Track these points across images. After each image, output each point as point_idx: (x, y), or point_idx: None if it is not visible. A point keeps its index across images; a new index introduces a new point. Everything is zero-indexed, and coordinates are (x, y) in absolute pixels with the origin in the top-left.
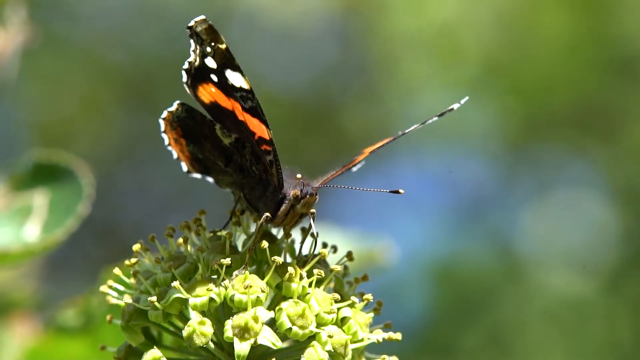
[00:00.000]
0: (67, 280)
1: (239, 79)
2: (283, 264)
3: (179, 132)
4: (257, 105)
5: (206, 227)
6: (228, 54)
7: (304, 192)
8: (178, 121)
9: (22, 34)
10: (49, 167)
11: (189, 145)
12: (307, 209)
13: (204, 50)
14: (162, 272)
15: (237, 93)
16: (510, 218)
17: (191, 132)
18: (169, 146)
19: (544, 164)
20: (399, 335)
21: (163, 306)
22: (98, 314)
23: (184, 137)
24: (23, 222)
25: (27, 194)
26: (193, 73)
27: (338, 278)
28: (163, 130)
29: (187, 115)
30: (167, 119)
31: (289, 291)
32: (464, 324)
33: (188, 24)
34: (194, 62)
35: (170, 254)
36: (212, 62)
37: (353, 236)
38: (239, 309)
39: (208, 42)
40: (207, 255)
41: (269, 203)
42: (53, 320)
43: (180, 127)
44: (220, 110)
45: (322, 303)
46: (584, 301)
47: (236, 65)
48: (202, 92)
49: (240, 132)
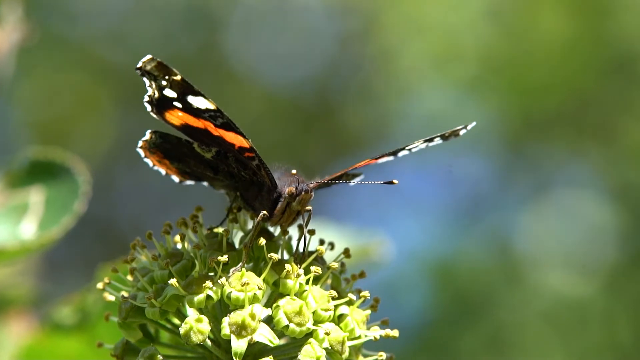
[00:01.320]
0: (65, 278)
1: (203, 102)
2: (280, 261)
3: (160, 155)
4: (228, 121)
5: (203, 224)
6: (184, 82)
7: (299, 189)
8: (155, 147)
9: (18, 32)
10: (45, 165)
11: (174, 163)
12: (302, 206)
13: (159, 84)
14: (159, 270)
15: (205, 114)
16: (508, 218)
17: (171, 153)
18: (155, 167)
19: (542, 164)
20: (396, 332)
21: (160, 303)
22: (94, 312)
23: (166, 158)
24: (19, 219)
25: (24, 192)
26: (156, 104)
27: (335, 275)
28: (144, 156)
29: (162, 140)
30: (144, 147)
31: (286, 288)
32: (463, 324)
33: (136, 66)
34: (153, 95)
35: (168, 251)
36: (171, 92)
37: (348, 232)
38: (236, 306)
39: (162, 77)
40: (204, 252)
41: (265, 202)
42: (49, 318)
43: (160, 151)
44: (193, 130)
45: (319, 300)
46: (582, 302)
47: (196, 91)
48: (170, 117)
49: (219, 145)
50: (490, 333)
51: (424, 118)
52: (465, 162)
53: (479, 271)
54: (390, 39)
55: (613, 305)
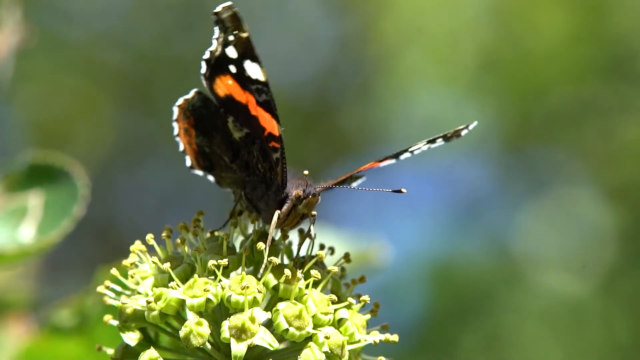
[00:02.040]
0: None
1: (256, 71)
2: (280, 265)
3: (191, 121)
4: (270, 99)
5: (204, 228)
6: (249, 43)
7: (306, 192)
8: (192, 110)
9: (17, 35)
10: (44, 168)
11: (198, 136)
12: (308, 210)
13: (226, 38)
14: (160, 273)
15: (253, 85)
16: (506, 218)
17: (203, 123)
18: (177, 137)
19: (540, 164)
20: (395, 337)
21: (160, 307)
22: (93, 314)
23: (195, 128)
24: (18, 223)
25: (22, 195)
26: (213, 64)
27: (335, 279)
28: (175, 118)
29: (202, 104)
30: (182, 107)
31: (286, 292)
32: (462, 325)
33: (214, 10)
34: (215, 51)
35: (168, 254)
36: (233, 51)
37: (347, 236)
38: (235, 309)
39: (231, 30)
40: (205, 256)
41: (270, 203)
42: (48, 321)
43: (194, 116)
44: (234, 104)
45: (319, 304)
46: (580, 302)
47: (256, 55)
48: (218, 84)
49: (251, 127)
50: (489, 333)
51: (424, 119)
52: (464, 163)
53: (478, 272)
54: (389, 40)
55: (611, 305)
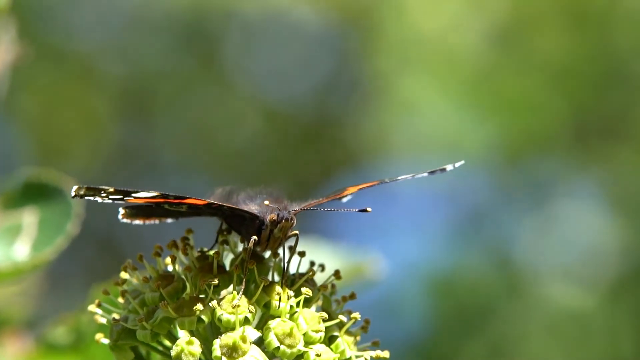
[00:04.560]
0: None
1: (146, 194)
2: (271, 283)
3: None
4: (177, 196)
5: (194, 247)
6: (120, 190)
7: (280, 216)
8: (134, 215)
9: (12, 52)
10: (38, 186)
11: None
12: (284, 234)
13: (102, 196)
14: (150, 292)
15: (156, 198)
16: (509, 230)
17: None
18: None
19: (543, 176)
20: (386, 354)
21: (151, 325)
22: (88, 332)
23: (151, 217)
24: (13, 240)
25: (17, 213)
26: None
27: (326, 296)
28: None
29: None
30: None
31: (276, 310)
32: (464, 338)
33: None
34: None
35: (159, 273)
36: (117, 196)
37: (341, 251)
38: (227, 328)
39: (98, 194)
40: (195, 274)
41: (249, 229)
42: (43, 338)
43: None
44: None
45: (310, 322)
46: (584, 314)
47: (134, 189)
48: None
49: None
50: (492, 346)
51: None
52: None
53: (480, 283)
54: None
55: (615, 317)
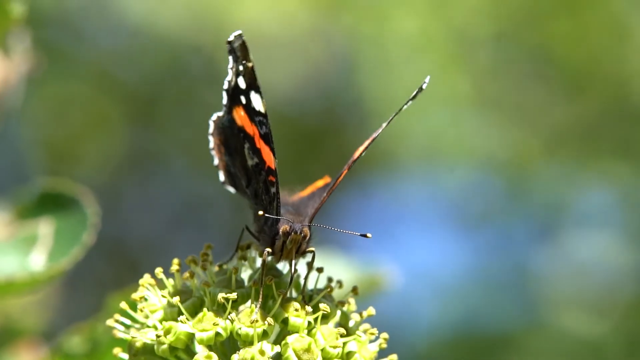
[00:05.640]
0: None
1: (259, 102)
2: (289, 298)
3: (222, 138)
4: (269, 132)
5: (212, 262)
6: (253, 73)
7: (291, 228)
8: (222, 127)
9: (26, 63)
10: (54, 197)
11: (226, 155)
12: (293, 246)
13: (238, 68)
14: (169, 307)
15: (257, 117)
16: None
17: (229, 143)
18: (212, 150)
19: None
20: None
21: (169, 340)
22: (104, 341)
23: (223, 145)
24: (29, 250)
25: (33, 223)
26: (230, 94)
27: (343, 312)
28: (210, 132)
29: (229, 125)
30: (215, 122)
31: (294, 326)
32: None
33: (228, 39)
34: (230, 81)
35: (177, 288)
36: (243, 82)
37: (355, 262)
38: (245, 343)
39: (241, 60)
40: (214, 289)
41: (265, 237)
42: (59, 347)
43: (223, 134)
44: (247, 135)
45: (327, 337)
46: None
47: (258, 86)
48: (235, 115)
49: (259, 158)
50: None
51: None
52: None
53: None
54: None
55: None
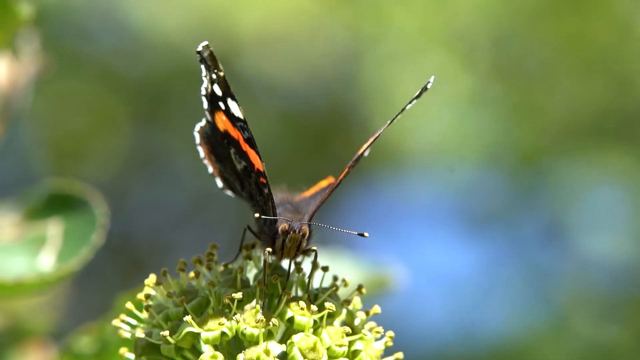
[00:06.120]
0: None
1: (236, 109)
2: (294, 297)
3: (208, 148)
4: (251, 136)
5: (218, 262)
6: (225, 82)
7: (290, 227)
8: (207, 136)
9: (35, 65)
10: (63, 198)
11: (217, 162)
12: (292, 244)
13: (211, 76)
14: (174, 307)
15: (238, 123)
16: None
17: (216, 151)
18: (204, 160)
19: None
20: None
21: (175, 340)
22: (113, 341)
23: (212, 154)
24: (37, 251)
25: (42, 224)
26: (209, 100)
27: (349, 311)
28: (198, 142)
29: (212, 133)
30: (200, 132)
31: (300, 325)
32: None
33: (197, 49)
34: (207, 88)
35: (182, 288)
36: (218, 89)
37: (362, 262)
38: (250, 342)
39: (212, 69)
40: (219, 289)
41: (266, 236)
42: (68, 348)
43: (209, 143)
44: (231, 139)
45: (333, 336)
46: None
47: (232, 94)
48: (217, 119)
49: (246, 161)
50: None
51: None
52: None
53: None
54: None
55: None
